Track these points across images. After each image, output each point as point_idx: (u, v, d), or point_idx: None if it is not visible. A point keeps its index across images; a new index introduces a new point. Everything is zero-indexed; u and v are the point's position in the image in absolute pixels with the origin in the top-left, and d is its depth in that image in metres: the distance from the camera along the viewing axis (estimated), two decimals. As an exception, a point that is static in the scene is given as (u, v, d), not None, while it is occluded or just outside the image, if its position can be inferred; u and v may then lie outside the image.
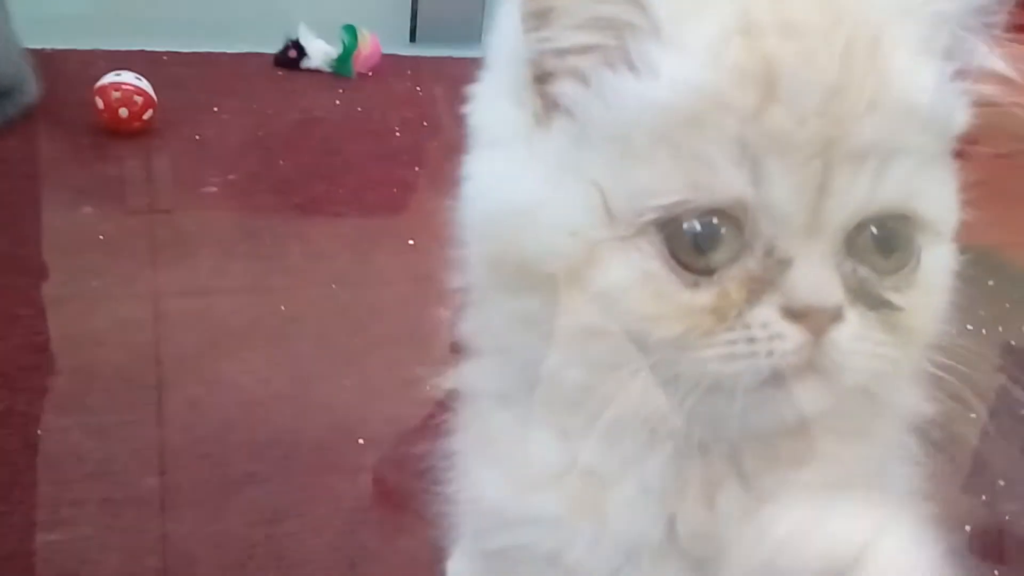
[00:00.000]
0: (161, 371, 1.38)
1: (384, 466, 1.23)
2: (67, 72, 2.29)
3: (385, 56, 2.73)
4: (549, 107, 0.48)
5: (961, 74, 0.49)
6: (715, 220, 0.45)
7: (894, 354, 0.47)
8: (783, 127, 0.43)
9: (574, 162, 0.47)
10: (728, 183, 0.44)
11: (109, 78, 2.08)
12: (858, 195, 0.45)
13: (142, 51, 2.51)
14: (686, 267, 0.45)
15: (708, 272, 0.45)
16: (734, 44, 0.44)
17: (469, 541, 0.63)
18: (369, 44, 2.66)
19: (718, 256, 0.45)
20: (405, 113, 2.48)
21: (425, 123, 2.46)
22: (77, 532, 1.06)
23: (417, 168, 2.22)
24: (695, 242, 0.45)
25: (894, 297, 0.47)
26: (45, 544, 1.04)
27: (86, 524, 1.07)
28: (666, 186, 0.45)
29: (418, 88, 2.68)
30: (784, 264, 0.45)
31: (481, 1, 2.95)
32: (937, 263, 0.50)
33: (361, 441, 1.27)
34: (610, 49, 0.46)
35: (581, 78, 0.47)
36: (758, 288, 0.45)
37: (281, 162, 2.13)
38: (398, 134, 2.36)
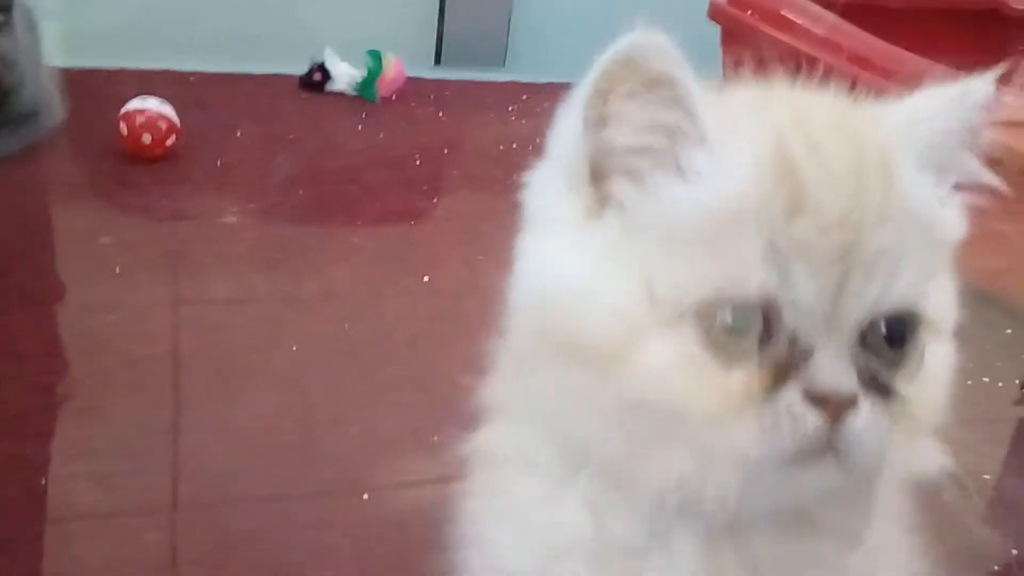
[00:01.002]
0: (170, 415, 1.38)
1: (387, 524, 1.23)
2: (93, 92, 2.30)
3: (409, 79, 2.73)
4: (602, 201, 0.54)
5: (958, 187, 0.56)
6: (747, 313, 0.50)
7: (900, 440, 0.52)
8: (809, 237, 0.49)
9: (623, 251, 0.52)
10: (759, 281, 0.50)
11: (135, 104, 2.09)
12: (872, 295, 0.50)
13: (168, 71, 2.53)
14: (720, 351, 0.50)
15: (739, 356, 0.50)
16: (769, 162, 0.50)
17: None
18: (393, 68, 2.66)
19: (748, 342, 0.50)
20: (426, 140, 2.48)
21: (446, 151, 2.47)
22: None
23: (435, 199, 2.23)
24: (729, 330, 0.50)
25: (901, 388, 0.52)
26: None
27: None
28: (705, 279, 0.50)
29: (440, 113, 2.68)
30: (806, 353, 0.50)
31: (506, 25, 2.96)
32: (939, 359, 0.55)
33: (365, 496, 1.27)
34: (661, 152, 0.52)
35: (634, 177, 0.53)
36: (783, 373, 0.50)
37: (300, 191, 2.14)
38: (418, 162, 2.36)
